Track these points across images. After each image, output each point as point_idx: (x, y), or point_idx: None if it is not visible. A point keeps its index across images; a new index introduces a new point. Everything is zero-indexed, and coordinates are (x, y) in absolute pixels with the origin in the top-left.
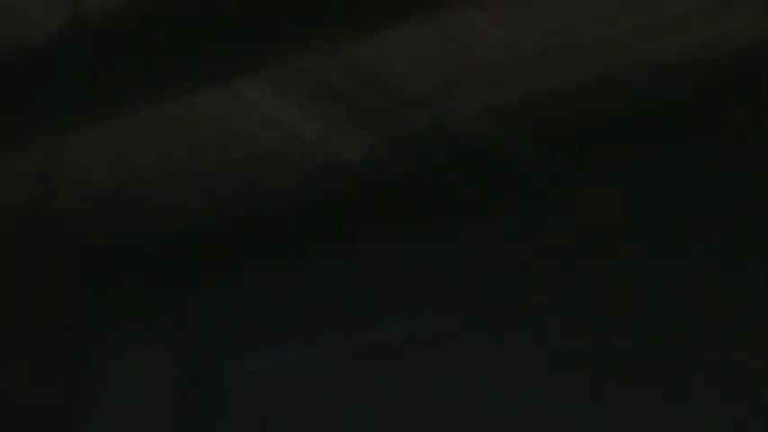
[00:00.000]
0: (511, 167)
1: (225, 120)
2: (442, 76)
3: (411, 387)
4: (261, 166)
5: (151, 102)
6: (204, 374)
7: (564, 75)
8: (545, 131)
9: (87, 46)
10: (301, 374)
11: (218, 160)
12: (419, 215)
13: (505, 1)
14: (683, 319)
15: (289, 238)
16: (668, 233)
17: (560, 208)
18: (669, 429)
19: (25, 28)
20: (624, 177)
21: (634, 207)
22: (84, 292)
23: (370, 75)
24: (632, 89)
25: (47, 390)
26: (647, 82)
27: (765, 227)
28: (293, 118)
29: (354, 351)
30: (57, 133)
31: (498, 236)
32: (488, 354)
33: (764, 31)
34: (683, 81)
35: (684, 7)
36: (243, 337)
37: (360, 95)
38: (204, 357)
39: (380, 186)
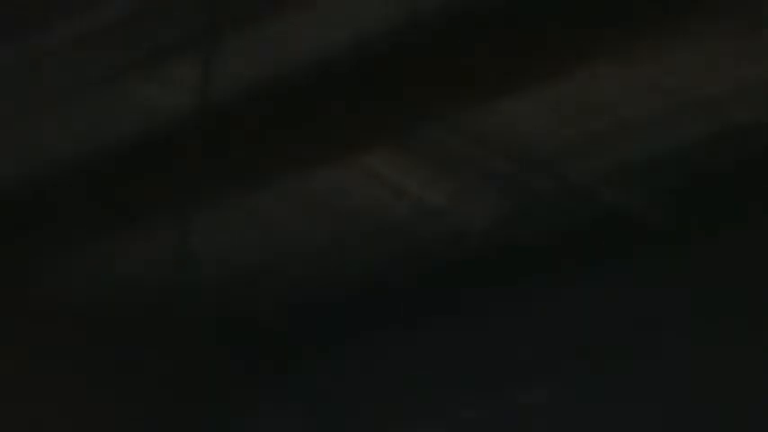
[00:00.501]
0: (640, 228)
1: (352, 193)
2: (567, 140)
3: None
4: (389, 236)
5: (279, 178)
6: None
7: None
8: (674, 191)
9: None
10: None
11: (346, 233)
12: (549, 280)
13: (620, 60)
14: None
15: (417, 306)
16: None
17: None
18: None
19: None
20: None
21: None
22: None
23: (496, 142)
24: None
25: None
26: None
27: None
28: (420, 188)
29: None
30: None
31: (630, 297)
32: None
33: None
34: None
35: None
36: (381, 407)
37: (487, 163)
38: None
39: (510, 253)
